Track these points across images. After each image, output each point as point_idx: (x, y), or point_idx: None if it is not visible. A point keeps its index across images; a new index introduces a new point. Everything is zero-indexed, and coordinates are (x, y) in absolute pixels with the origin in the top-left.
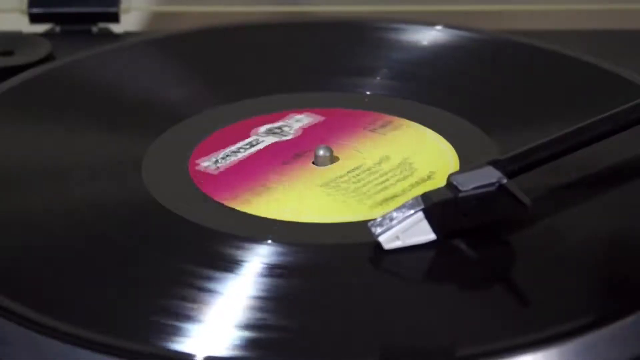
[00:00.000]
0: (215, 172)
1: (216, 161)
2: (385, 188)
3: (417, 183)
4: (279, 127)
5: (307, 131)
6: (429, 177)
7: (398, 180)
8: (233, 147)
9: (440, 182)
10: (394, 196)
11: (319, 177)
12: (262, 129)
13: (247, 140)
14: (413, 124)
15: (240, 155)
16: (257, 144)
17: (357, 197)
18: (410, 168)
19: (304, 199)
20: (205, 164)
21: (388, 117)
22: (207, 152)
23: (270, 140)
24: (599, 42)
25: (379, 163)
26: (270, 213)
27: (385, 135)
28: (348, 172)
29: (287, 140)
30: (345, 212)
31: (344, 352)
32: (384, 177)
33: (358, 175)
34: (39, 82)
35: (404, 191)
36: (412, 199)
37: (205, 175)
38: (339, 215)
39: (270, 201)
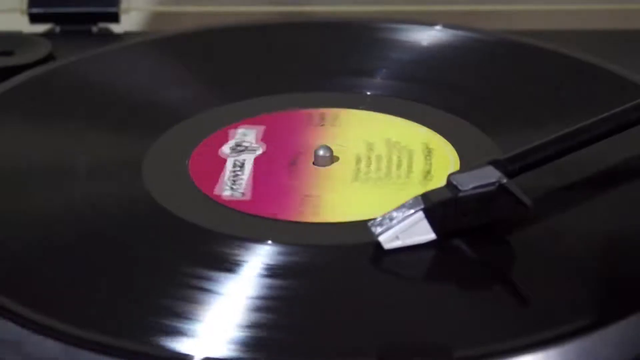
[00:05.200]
0: (247, 198)
1: (232, 188)
2: (409, 168)
3: (427, 156)
4: (239, 144)
5: (267, 140)
6: (429, 150)
7: (410, 159)
8: (229, 171)
9: (441, 151)
10: (427, 172)
11: (339, 176)
12: (226, 149)
13: (231, 162)
14: (346, 110)
15: (244, 177)
16: (243, 163)
17: (396, 181)
18: (402, 146)
19: (357, 197)
20: (227, 193)
21: (320, 110)
22: (206, 179)
23: (249, 157)
24: (599, 42)
25: (371, 150)
26: (343, 218)
27: (339, 126)
28: (357, 164)
29: (263, 153)
30: (403, 197)
31: (344, 352)
32: (395, 159)
33: (369, 165)
34: (39, 82)
35: (427, 165)
36: (412, 199)
37: (240, 202)
38: (403, 202)
39: (329, 208)
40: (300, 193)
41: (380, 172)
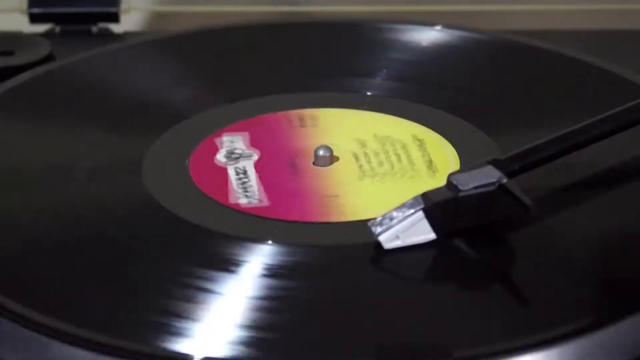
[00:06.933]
0: (266, 204)
1: (247, 196)
2: (409, 159)
3: (421, 146)
4: (232, 152)
5: (258, 145)
6: (420, 140)
7: (405, 151)
8: (235, 179)
9: (429, 140)
10: (429, 162)
11: (346, 175)
12: (221, 158)
13: (232, 169)
14: (323, 110)
15: (253, 183)
16: (245, 170)
17: (404, 174)
18: (394, 139)
19: (375, 194)
20: (243, 200)
21: (296, 111)
22: (215, 189)
23: (248, 163)
24: (599, 42)
25: (364, 146)
26: (366, 215)
27: (319, 125)
28: (357, 162)
29: (260, 158)
30: (418, 188)
31: (344, 352)
32: (393, 152)
33: (369, 161)
34: (39, 82)
35: (425, 155)
36: (412, 199)
37: (261, 209)
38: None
39: (352, 207)
40: (317, 194)
41: (383, 167)
